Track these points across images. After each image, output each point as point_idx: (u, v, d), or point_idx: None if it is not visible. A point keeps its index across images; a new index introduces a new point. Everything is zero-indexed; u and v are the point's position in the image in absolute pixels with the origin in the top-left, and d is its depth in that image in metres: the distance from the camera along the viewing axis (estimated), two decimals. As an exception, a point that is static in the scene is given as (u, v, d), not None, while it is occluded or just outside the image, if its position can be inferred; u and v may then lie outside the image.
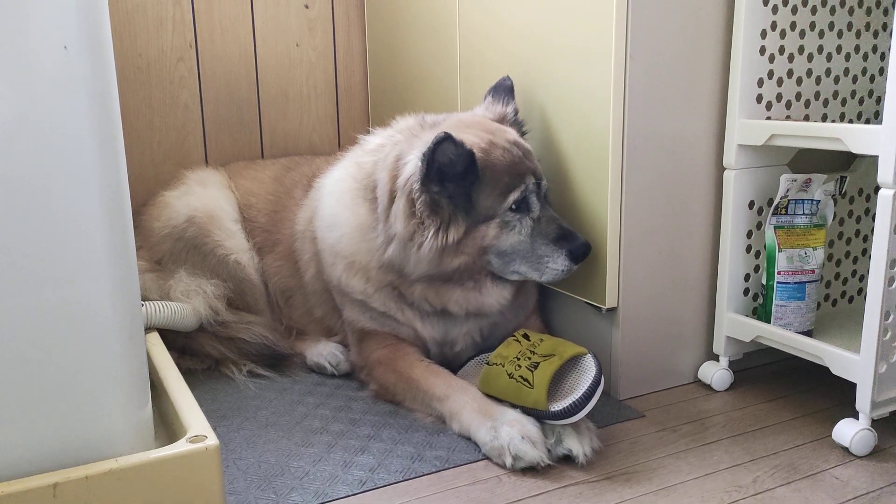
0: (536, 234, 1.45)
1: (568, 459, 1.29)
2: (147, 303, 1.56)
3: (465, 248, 1.43)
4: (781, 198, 1.47)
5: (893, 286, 1.25)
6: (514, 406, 1.33)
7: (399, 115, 1.63)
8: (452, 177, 1.39)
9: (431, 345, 1.58)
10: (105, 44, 0.95)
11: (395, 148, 1.50)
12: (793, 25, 1.48)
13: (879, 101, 1.63)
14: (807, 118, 1.55)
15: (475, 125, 1.51)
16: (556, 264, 1.45)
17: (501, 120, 1.58)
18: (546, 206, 1.50)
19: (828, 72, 1.55)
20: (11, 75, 0.86)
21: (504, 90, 1.60)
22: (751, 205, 1.53)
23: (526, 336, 1.46)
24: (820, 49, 1.53)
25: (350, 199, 1.56)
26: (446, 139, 1.35)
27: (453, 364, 1.57)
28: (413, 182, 1.40)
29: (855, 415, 1.32)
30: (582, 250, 1.45)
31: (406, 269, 1.46)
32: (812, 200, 1.49)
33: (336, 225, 1.58)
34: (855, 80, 1.59)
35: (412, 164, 1.41)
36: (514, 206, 1.44)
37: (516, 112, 1.60)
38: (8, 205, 0.88)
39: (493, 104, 1.60)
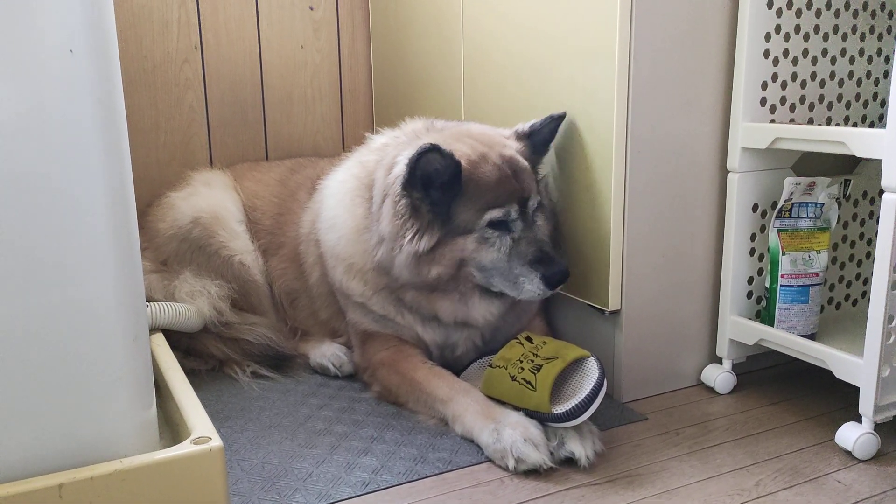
0: (514, 254, 1.43)
1: (570, 462, 1.29)
2: (151, 304, 1.57)
3: (440, 259, 1.43)
4: (785, 201, 1.46)
5: (897, 290, 1.25)
6: (516, 409, 1.33)
7: (409, 118, 1.63)
8: (438, 185, 1.40)
9: (433, 348, 1.58)
10: (110, 47, 0.95)
11: (397, 148, 1.51)
12: (797, 28, 1.48)
13: (883, 104, 1.63)
14: (811, 121, 1.54)
15: (476, 136, 1.50)
16: (531, 286, 1.42)
17: (514, 135, 1.54)
18: (532, 226, 1.46)
19: (832, 75, 1.55)
20: (18, 78, 0.86)
21: (552, 118, 1.53)
22: (754, 208, 1.53)
23: (529, 339, 1.46)
24: (824, 52, 1.53)
25: (349, 200, 1.57)
26: (432, 150, 1.35)
27: (455, 367, 1.57)
28: (397, 184, 1.41)
29: (858, 418, 1.32)
30: (557, 277, 1.41)
31: (393, 272, 1.47)
32: (816, 203, 1.48)
33: (336, 226, 1.59)
34: (859, 83, 1.59)
35: (400, 166, 1.42)
36: (492, 224, 1.42)
37: (532, 130, 1.53)
38: (14, 206, 0.89)
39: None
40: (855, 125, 1.61)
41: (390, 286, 1.52)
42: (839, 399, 1.53)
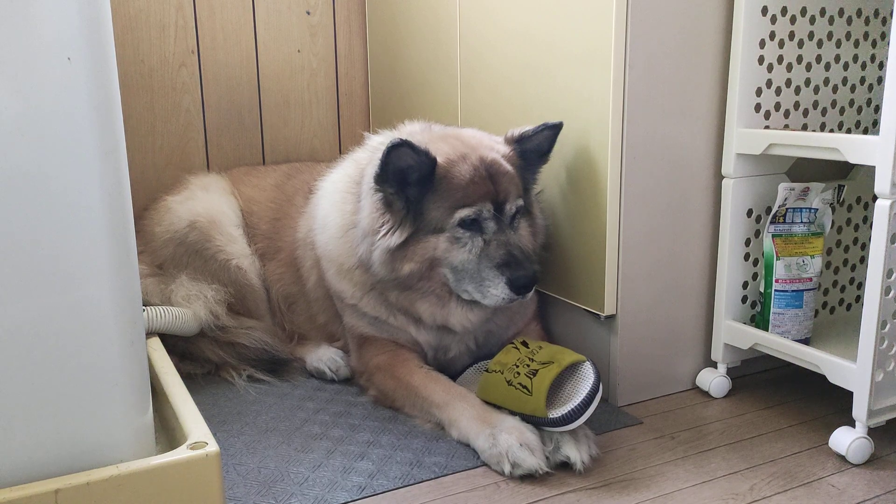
0: (483, 256, 1.41)
1: (566, 466, 1.29)
2: (148, 308, 1.57)
3: (412, 255, 1.43)
4: (779, 206, 1.47)
5: (890, 295, 1.26)
6: (512, 413, 1.34)
7: (407, 120, 1.64)
8: (415, 182, 1.40)
9: (427, 349, 1.59)
10: (107, 54, 0.96)
11: None
12: (791, 35, 1.49)
13: (877, 110, 1.64)
14: (805, 127, 1.55)
15: (465, 139, 1.51)
16: (497, 290, 1.40)
17: (503, 140, 1.53)
18: (506, 230, 1.44)
19: (826, 81, 1.56)
20: (17, 86, 0.87)
21: (547, 126, 1.52)
22: (749, 213, 1.53)
23: (525, 343, 1.46)
24: (818, 58, 1.54)
25: (340, 198, 1.58)
26: (403, 144, 1.36)
27: (449, 369, 1.58)
28: (370, 178, 1.43)
29: (851, 423, 1.33)
30: (522, 281, 1.39)
31: (372, 269, 1.47)
32: (810, 209, 1.49)
33: (327, 226, 1.60)
34: (853, 89, 1.60)
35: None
36: (463, 224, 1.41)
37: (521, 136, 1.51)
38: (12, 210, 0.89)
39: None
40: (849, 131, 1.62)
41: (376, 286, 1.53)
42: (833, 403, 1.54)
